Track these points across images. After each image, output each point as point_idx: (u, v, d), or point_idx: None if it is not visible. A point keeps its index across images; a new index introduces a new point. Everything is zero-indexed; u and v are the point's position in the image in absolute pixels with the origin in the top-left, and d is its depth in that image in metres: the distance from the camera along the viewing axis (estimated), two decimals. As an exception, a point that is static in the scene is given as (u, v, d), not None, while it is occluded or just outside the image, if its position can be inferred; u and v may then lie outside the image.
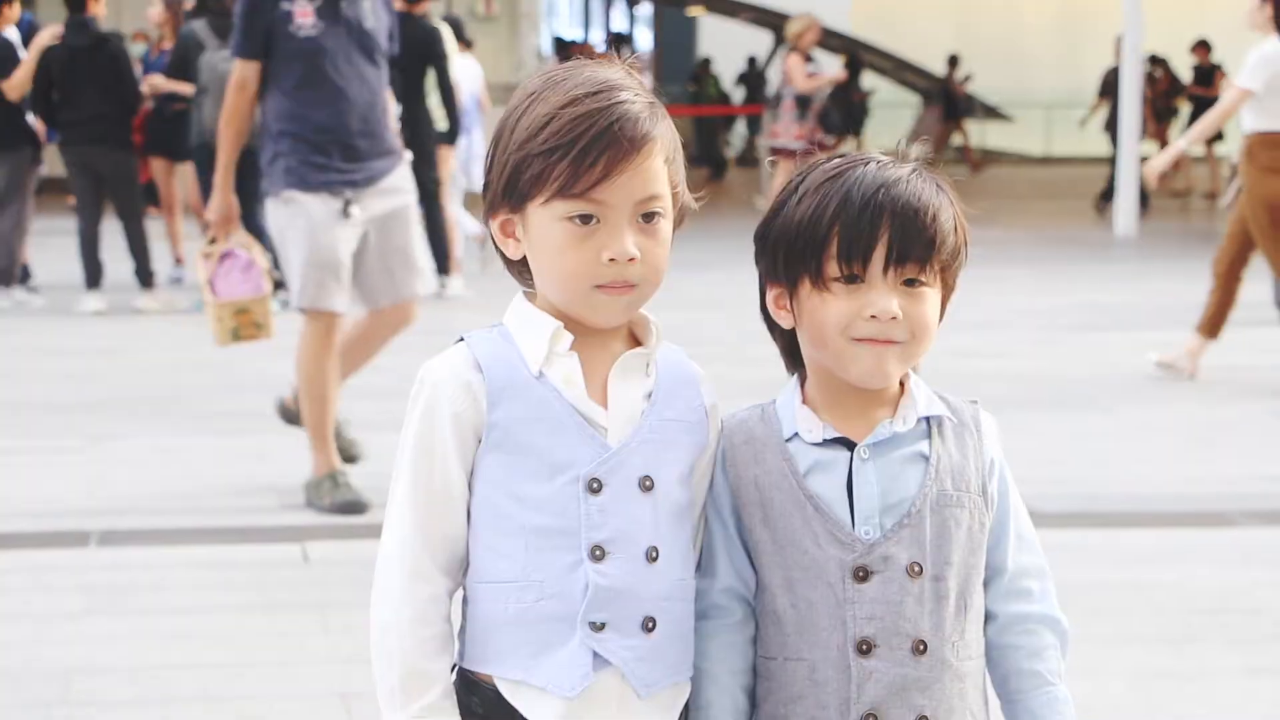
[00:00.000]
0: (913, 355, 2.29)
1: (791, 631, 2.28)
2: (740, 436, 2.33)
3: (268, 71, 6.72)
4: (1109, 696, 4.77)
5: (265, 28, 6.66)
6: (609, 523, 2.22)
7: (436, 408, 2.25)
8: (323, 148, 6.63)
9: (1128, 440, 8.25)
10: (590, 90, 2.22)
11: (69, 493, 6.99)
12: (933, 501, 2.28)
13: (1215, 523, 6.67)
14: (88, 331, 11.62)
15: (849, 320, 2.25)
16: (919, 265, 2.26)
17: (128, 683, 4.82)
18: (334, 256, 6.60)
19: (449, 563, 2.26)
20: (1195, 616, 5.49)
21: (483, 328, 2.31)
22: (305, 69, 6.65)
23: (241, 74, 6.74)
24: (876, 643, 2.25)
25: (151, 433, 8.15)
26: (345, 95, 6.68)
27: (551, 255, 2.23)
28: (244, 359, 10.20)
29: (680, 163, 2.30)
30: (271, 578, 5.82)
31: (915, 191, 2.26)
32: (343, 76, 6.69)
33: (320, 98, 6.65)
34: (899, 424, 2.30)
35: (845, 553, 2.26)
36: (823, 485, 2.28)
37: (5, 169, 12.63)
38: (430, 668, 2.23)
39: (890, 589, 2.25)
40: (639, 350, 2.29)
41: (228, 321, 6.96)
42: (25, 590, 5.66)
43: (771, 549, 2.29)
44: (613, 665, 2.22)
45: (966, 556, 2.30)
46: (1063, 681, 2.37)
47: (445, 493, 2.25)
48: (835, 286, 2.26)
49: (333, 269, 6.60)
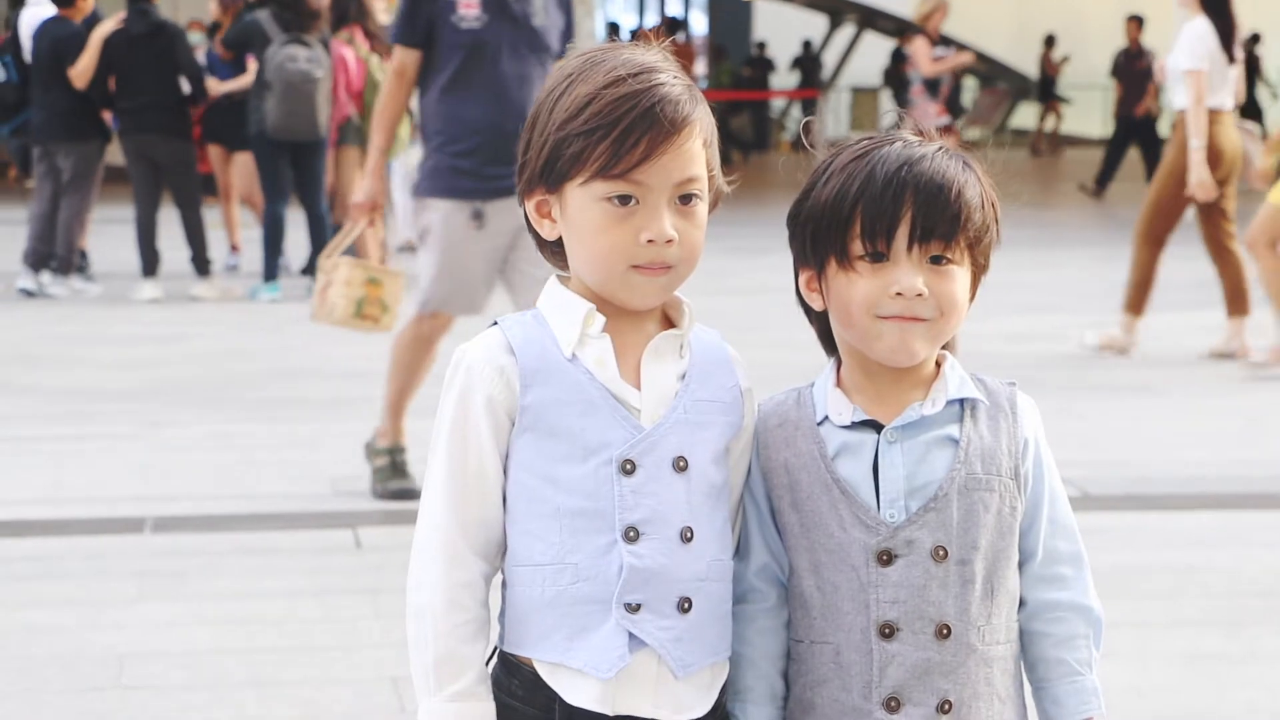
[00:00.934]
0: (941, 333, 2.28)
1: (817, 615, 2.28)
2: (775, 420, 2.33)
3: (426, 64, 6.40)
4: (1160, 679, 4.75)
5: (428, 16, 6.34)
6: (643, 504, 2.22)
7: (470, 391, 2.25)
8: (470, 151, 6.32)
9: (1181, 423, 8.21)
10: (632, 71, 2.23)
11: (124, 479, 7.03)
12: (961, 484, 2.27)
13: (1269, 505, 6.63)
14: (144, 319, 11.69)
15: (875, 298, 2.25)
16: (944, 242, 2.25)
17: (180, 667, 4.86)
18: (463, 269, 6.37)
19: (485, 547, 2.27)
20: (1247, 600, 5.46)
21: (518, 312, 2.32)
22: (463, 63, 6.32)
23: (400, 61, 6.43)
24: (899, 626, 2.24)
25: (206, 420, 8.19)
26: (503, 95, 6.31)
27: (589, 236, 2.24)
28: (298, 347, 10.27)
29: (716, 147, 2.30)
30: (323, 563, 5.84)
31: (940, 168, 2.26)
32: (502, 75, 6.32)
33: (475, 96, 6.32)
34: (928, 406, 2.29)
35: (869, 536, 2.25)
36: (849, 468, 2.28)
37: (74, 158, 12.72)
38: (464, 652, 2.24)
39: (914, 572, 2.24)
40: (673, 331, 2.29)
41: (356, 288, 6.78)
42: (81, 576, 5.71)
43: (799, 532, 2.29)
44: (649, 646, 2.22)
45: (995, 540, 2.28)
46: (1093, 670, 2.34)
47: (480, 476, 2.25)
48: (860, 265, 2.26)
49: (462, 282, 6.38)
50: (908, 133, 2.33)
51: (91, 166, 12.81)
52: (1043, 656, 2.33)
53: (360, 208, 6.71)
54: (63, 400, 8.71)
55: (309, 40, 12.07)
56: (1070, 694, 2.32)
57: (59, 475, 7.13)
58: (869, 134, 2.36)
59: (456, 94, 6.33)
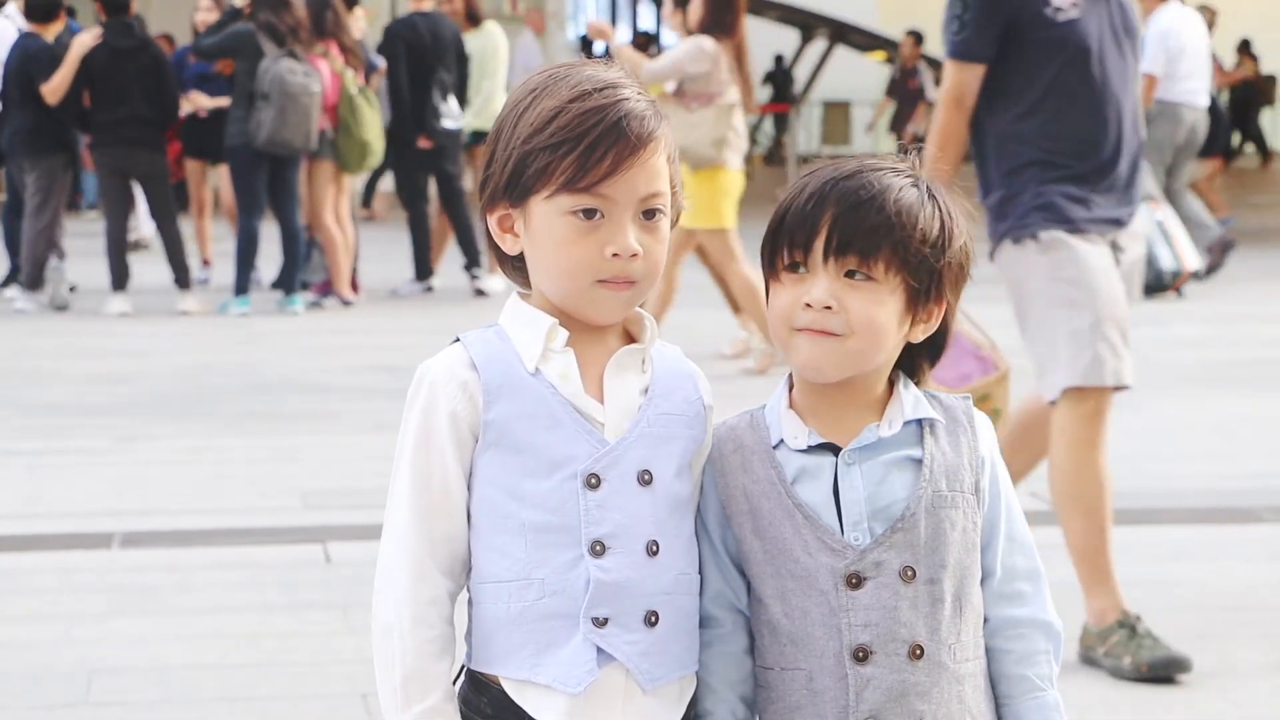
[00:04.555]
0: (854, 353, 2.24)
1: (787, 641, 2.26)
2: (730, 445, 2.31)
3: (995, 76, 5.02)
4: (1132, 692, 4.75)
5: (1008, 16, 4.98)
6: (608, 518, 2.22)
7: (434, 408, 2.25)
8: (1083, 175, 4.99)
9: (1155, 436, 8.22)
10: (597, 86, 2.24)
11: (96, 494, 7.01)
12: (928, 503, 2.26)
13: (1242, 519, 6.65)
14: (115, 333, 11.66)
15: (790, 309, 2.24)
16: (861, 257, 2.23)
17: (151, 683, 4.84)
18: (1123, 313, 4.97)
19: (450, 563, 2.26)
20: (1218, 613, 5.47)
21: (479, 328, 2.32)
22: (1063, 65, 5.00)
23: (961, 83, 5.02)
24: (873, 649, 2.23)
25: (178, 434, 8.17)
26: (1112, 101, 5.03)
27: (554, 250, 2.24)
28: (270, 361, 10.25)
29: (679, 164, 2.31)
30: (295, 578, 5.83)
31: (871, 183, 2.24)
32: (1107, 76, 5.03)
33: (1083, 106, 5.01)
34: (884, 428, 2.27)
35: (836, 560, 2.24)
36: (810, 492, 2.26)
37: (36, 174, 12.68)
38: (431, 670, 2.24)
39: (884, 594, 2.23)
40: (635, 346, 2.29)
41: None
42: (52, 591, 5.69)
43: (763, 559, 2.27)
44: (617, 660, 2.22)
45: (961, 557, 2.28)
46: (1054, 686, 2.34)
47: (444, 492, 2.25)
48: (785, 276, 2.26)
49: (1123, 331, 4.96)
50: (869, 157, 2.31)
51: (55, 182, 12.78)
52: (1004, 674, 2.33)
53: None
54: (34, 414, 8.68)
55: (299, 54, 12.06)
56: (1033, 710, 2.32)
57: (31, 490, 7.11)
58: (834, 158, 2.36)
59: (1056, 104, 5.00)
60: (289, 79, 11.91)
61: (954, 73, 5.07)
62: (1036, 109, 5.01)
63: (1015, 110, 5.02)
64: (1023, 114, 5.02)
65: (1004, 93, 5.03)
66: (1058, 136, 4.99)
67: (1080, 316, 4.89)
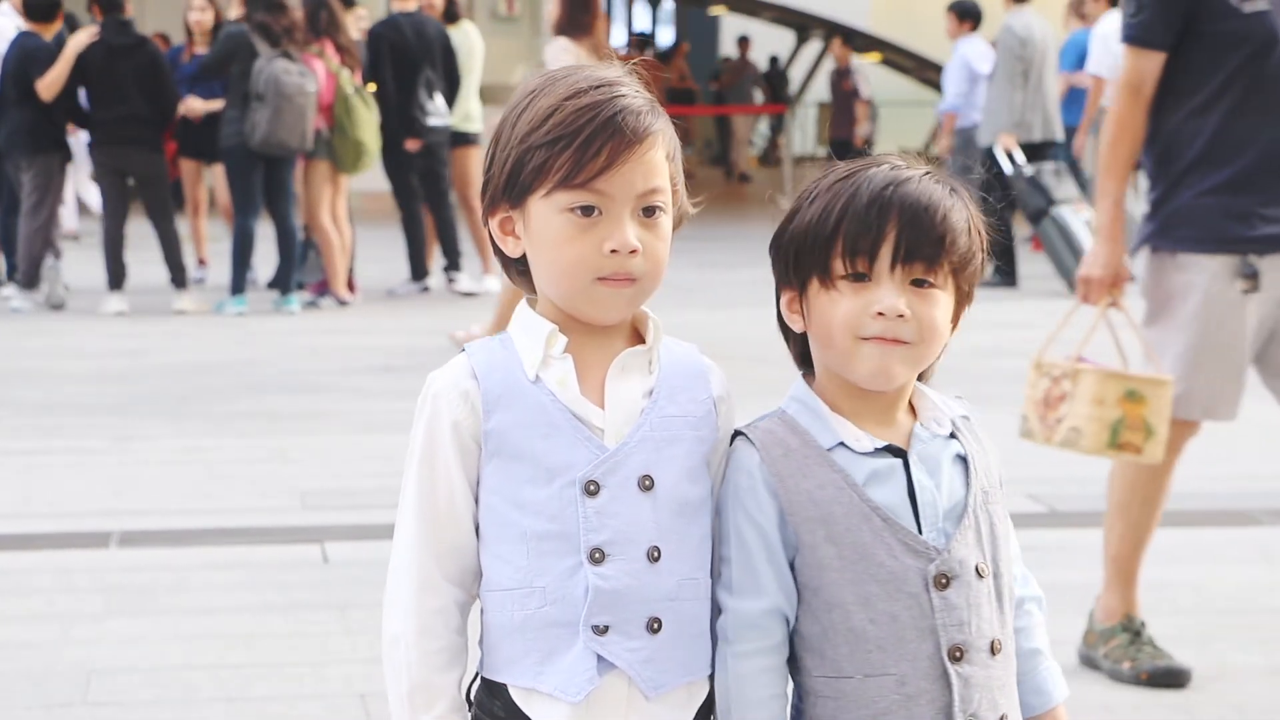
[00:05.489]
0: (920, 359, 2.27)
1: (874, 647, 2.24)
2: (777, 450, 2.27)
3: (1171, 69, 4.73)
4: (1130, 695, 4.76)
5: (1188, 4, 4.69)
6: (607, 525, 2.22)
7: (437, 418, 2.26)
8: (1254, 185, 4.70)
9: (1150, 439, 8.22)
10: (594, 84, 2.24)
11: (93, 494, 7.01)
12: (981, 501, 2.29)
13: (1236, 521, 6.65)
14: (111, 332, 11.65)
15: (856, 318, 2.23)
16: (927, 265, 2.24)
17: (148, 683, 4.84)
18: (1231, 352, 4.80)
19: (459, 573, 2.27)
20: (1216, 616, 5.48)
21: (489, 337, 2.33)
22: (1245, 62, 4.68)
23: (1138, 69, 4.73)
24: (966, 648, 2.24)
25: (174, 434, 8.17)
26: None
27: (553, 248, 2.23)
28: (266, 360, 10.24)
29: (680, 162, 2.30)
30: (292, 578, 5.83)
31: (925, 190, 2.25)
32: None
33: (1254, 108, 4.69)
34: (934, 426, 2.30)
35: (923, 562, 2.24)
36: (884, 495, 2.25)
37: (33, 172, 12.68)
38: (437, 681, 2.25)
39: (970, 593, 2.25)
40: (638, 348, 2.28)
41: (1111, 408, 4.71)
42: (48, 591, 5.68)
43: (839, 565, 2.24)
44: (618, 668, 2.21)
45: (1006, 550, 2.32)
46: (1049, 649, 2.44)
47: (449, 502, 2.26)
48: (843, 285, 2.24)
49: (1229, 373, 4.82)
50: (895, 158, 2.32)
51: (52, 180, 12.77)
52: (1018, 651, 2.36)
53: (1097, 284, 4.87)
54: (30, 414, 8.68)
55: (294, 54, 12.06)
56: (1046, 678, 2.40)
57: (26, 490, 7.11)
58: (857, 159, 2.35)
59: (1235, 106, 4.70)
60: (284, 79, 11.91)
61: (1131, 59, 4.77)
62: (1210, 106, 4.71)
63: (1188, 106, 4.73)
64: (1195, 110, 4.72)
65: (1175, 87, 4.75)
66: (1230, 137, 4.70)
67: (1185, 342, 4.77)
